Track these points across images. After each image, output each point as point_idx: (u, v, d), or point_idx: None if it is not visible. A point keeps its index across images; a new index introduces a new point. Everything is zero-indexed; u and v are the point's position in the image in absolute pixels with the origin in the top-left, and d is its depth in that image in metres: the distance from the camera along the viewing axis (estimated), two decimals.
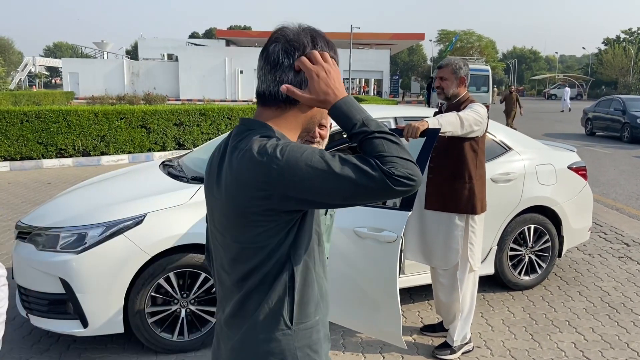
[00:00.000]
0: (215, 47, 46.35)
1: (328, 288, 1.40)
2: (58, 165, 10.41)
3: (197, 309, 3.41)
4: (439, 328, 3.66)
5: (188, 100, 34.76)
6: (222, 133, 11.53)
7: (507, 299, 4.29)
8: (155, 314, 3.33)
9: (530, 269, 4.47)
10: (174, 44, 47.38)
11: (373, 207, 2.92)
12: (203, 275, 3.37)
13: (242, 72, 41.07)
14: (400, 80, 59.50)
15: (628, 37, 69.70)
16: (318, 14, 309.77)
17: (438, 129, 2.78)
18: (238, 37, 51.27)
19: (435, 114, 3.31)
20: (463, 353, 3.41)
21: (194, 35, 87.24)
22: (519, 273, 4.42)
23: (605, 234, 6.17)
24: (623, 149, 14.87)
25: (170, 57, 46.80)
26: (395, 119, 4.07)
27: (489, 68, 22.25)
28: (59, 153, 10.51)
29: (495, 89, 22.04)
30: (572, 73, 77.54)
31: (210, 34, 78.54)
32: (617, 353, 3.47)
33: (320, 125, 2.04)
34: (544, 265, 4.50)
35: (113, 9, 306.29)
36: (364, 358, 3.38)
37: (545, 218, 4.42)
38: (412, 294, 4.34)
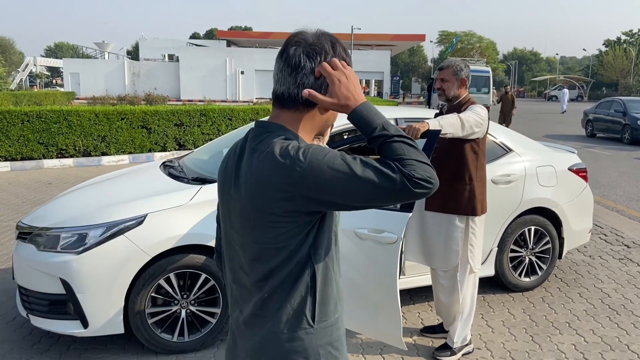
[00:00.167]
0: (216, 47, 46.37)
1: (342, 287, 1.42)
2: (59, 166, 10.42)
3: (197, 310, 3.41)
4: (439, 329, 3.66)
5: (189, 101, 34.81)
6: (222, 134, 11.53)
7: (507, 301, 4.29)
8: (156, 315, 3.33)
9: (531, 271, 4.47)
10: (175, 45, 47.36)
11: None
12: (203, 276, 3.36)
13: (242, 72, 41.08)
14: (401, 81, 59.55)
15: (629, 38, 69.73)
16: (319, 15, 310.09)
17: (439, 131, 2.78)
18: (239, 37, 51.31)
19: (436, 116, 3.31)
20: (463, 354, 3.41)
21: (195, 36, 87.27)
22: (519, 274, 4.42)
23: (606, 236, 6.17)
24: (623, 151, 14.87)
25: (171, 57, 46.80)
26: (396, 120, 4.07)
27: (490, 69, 22.24)
28: (60, 153, 10.52)
29: (494, 91, 22.01)
30: (572, 74, 77.61)
31: (211, 35, 78.62)
32: (617, 355, 3.47)
33: None
34: (544, 267, 4.50)
35: (114, 10, 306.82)
36: (364, 359, 3.38)
37: (546, 220, 4.42)
38: (412, 295, 4.34)
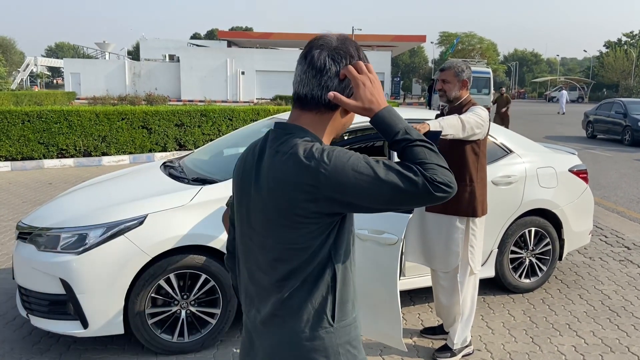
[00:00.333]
0: (217, 48, 46.36)
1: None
2: (59, 166, 10.42)
3: (197, 311, 3.41)
4: (440, 331, 3.65)
5: (189, 101, 34.84)
6: (223, 134, 11.54)
7: (507, 302, 4.28)
8: (156, 315, 3.33)
9: (531, 272, 4.46)
10: (176, 45, 47.39)
11: None
12: (203, 277, 3.36)
13: (243, 73, 41.10)
14: (402, 82, 59.55)
15: (630, 40, 69.71)
16: (319, 15, 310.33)
17: (439, 132, 2.78)
18: (240, 38, 51.30)
19: (437, 117, 3.31)
20: (463, 356, 3.40)
21: (196, 36, 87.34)
22: (520, 276, 4.42)
23: (606, 237, 6.17)
24: (624, 152, 14.87)
25: (172, 57, 46.79)
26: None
27: (490, 70, 22.22)
28: (60, 153, 10.52)
29: (494, 92, 22.00)
30: (573, 76, 77.56)
31: (212, 35, 78.60)
32: (617, 357, 3.46)
33: None
34: (545, 268, 4.50)
35: (115, 10, 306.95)
36: None
37: (546, 221, 4.42)
38: (412, 296, 4.34)
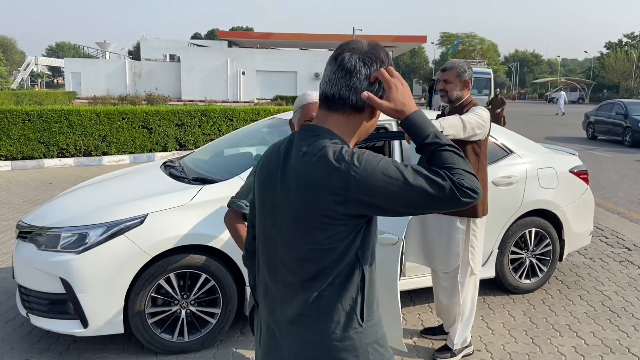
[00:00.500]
0: (217, 48, 46.33)
1: None
2: (59, 165, 10.42)
3: (197, 310, 3.41)
4: (440, 331, 3.65)
5: (190, 101, 34.81)
6: (223, 134, 11.53)
7: (507, 303, 4.28)
8: (156, 315, 3.33)
9: (531, 273, 4.46)
10: (176, 45, 47.37)
11: None
12: (203, 276, 3.36)
13: (244, 73, 41.06)
14: None
15: (630, 41, 69.72)
16: (320, 16, 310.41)
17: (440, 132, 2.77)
18: (240, 38, 51.26)
19: (438, 117, 3.31)
20: (463, 356, 3.40)
21: (196, 36, 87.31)
22: (520, 276, 4.42)
23: (607, 238, 6.16)
24: (625, 153, 14.87)
25: (172, 57, 46.78)
26: (398, 121, 4.07)
27: (491, 71, 22.25)
28: (61, 153, 10.52)
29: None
30: (574, 77, 77.54)
31: (213, 35, 78.61)
32: (617, 357, 3.46)
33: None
34: (545, 269, 4.49)
35: (115, 9, 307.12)
36: None
37: (547, 222, 4.42)
38: (412, 297, 4.34)
